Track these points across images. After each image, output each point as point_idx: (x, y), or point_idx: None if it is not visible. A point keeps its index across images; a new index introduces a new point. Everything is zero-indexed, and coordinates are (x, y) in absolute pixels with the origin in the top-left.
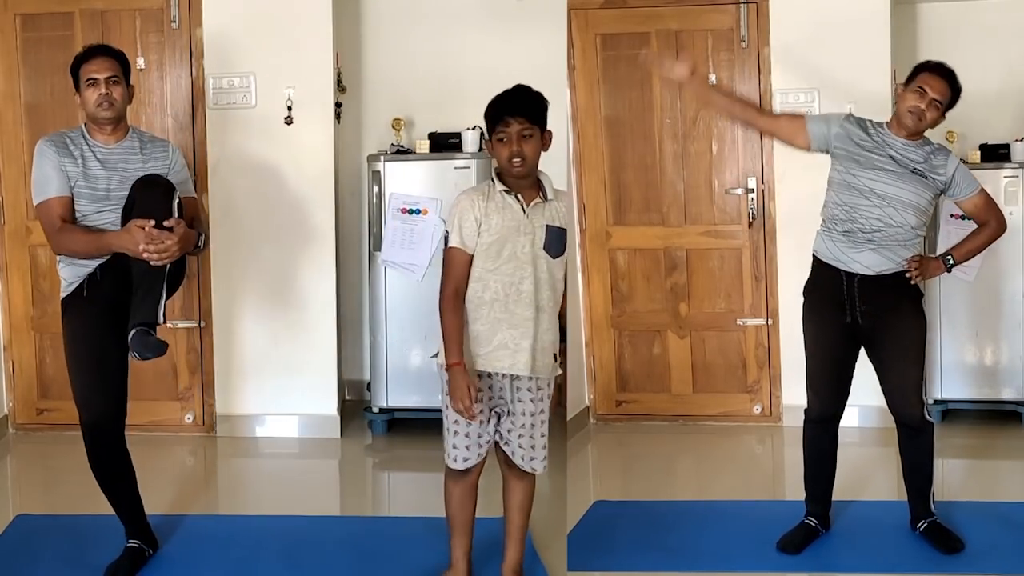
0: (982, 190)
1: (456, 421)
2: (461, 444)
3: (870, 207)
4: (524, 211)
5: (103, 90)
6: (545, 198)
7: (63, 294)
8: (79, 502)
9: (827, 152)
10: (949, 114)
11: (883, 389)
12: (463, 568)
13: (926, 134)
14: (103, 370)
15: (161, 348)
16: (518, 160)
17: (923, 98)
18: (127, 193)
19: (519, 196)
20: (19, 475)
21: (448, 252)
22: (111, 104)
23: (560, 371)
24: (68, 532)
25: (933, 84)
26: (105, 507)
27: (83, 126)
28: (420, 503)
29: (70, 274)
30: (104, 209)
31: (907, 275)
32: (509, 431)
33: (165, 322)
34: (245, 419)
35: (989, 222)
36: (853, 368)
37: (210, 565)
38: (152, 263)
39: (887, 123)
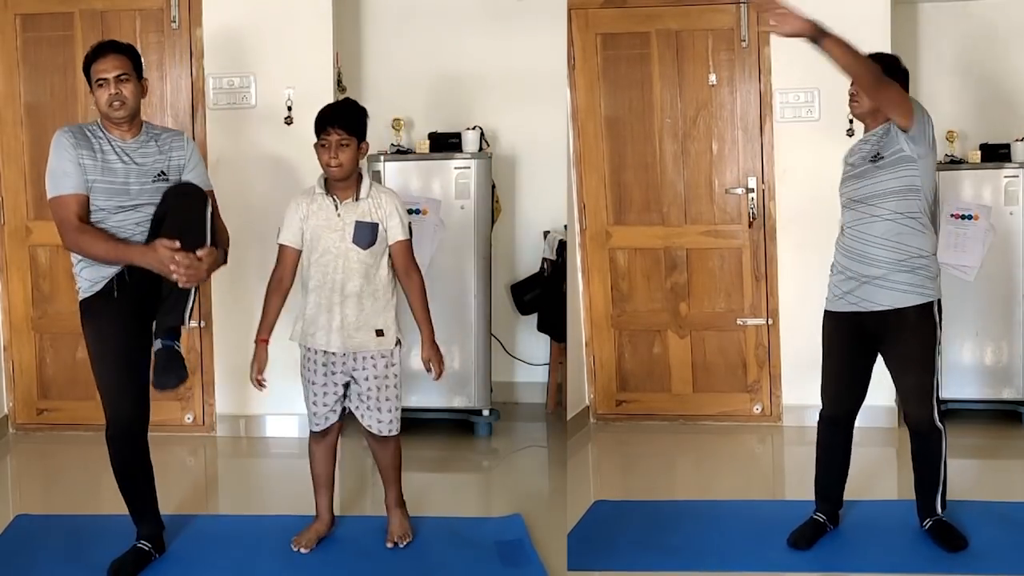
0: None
1: (313, 392)
2: (320, 411)
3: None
4: (336, 209)
5: (113, 89)
6: (357, 197)
7: (84, 295)
8: (79, 502)
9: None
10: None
11: (897, 393)
12: (327, 519)
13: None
14: (131, 372)
15: (176, 380)
16: (335, 164)
17: (854, 83)
18: (145, 187)
19: (334, 197)
20: (19, 475)
21: (279, 248)
22: (123, 103)
23: (398, 343)
24: (68, 532)
25: None
26: (105, 507)
27: (98, 121)
28: (420, 503)
29: (93, 275)
30: (126, 207)
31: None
32: (358, 396)
33: (188, 323)
34: (245, 419)
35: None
36: (868, 369)
37: (210, 565)
38: (180, 285)
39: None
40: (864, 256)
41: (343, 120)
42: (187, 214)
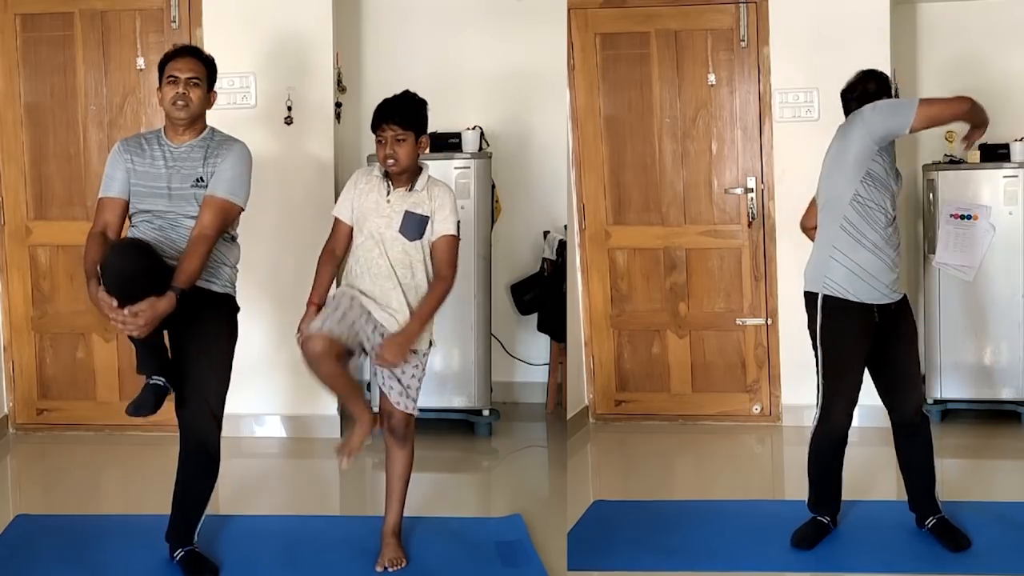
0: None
1: (334, 306)
2: (327, 319)
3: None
4: (388, 194)
5: (180, 89)
6: (412, 188)
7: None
8: (79, 502)
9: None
10: None
11: (885, 386)
12: (367, 417)
13: None
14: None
15: (148, 410)
16: (391, 161)
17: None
18: (185, 191)
19: (389, 182)
20: (19, 475)
21: (334, 218)
22: (186, 104)
23: (431, 344)
24: (68, 532)
25: None
26: (105, 507)
27: (162, 128)
28: (420, 503)
29: None
30: (168, 210)
31: None
32: (383, 372)
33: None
34: (245, 419)
35: None
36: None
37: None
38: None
39: None
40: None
41: (399, 115)
42: (119, 270)
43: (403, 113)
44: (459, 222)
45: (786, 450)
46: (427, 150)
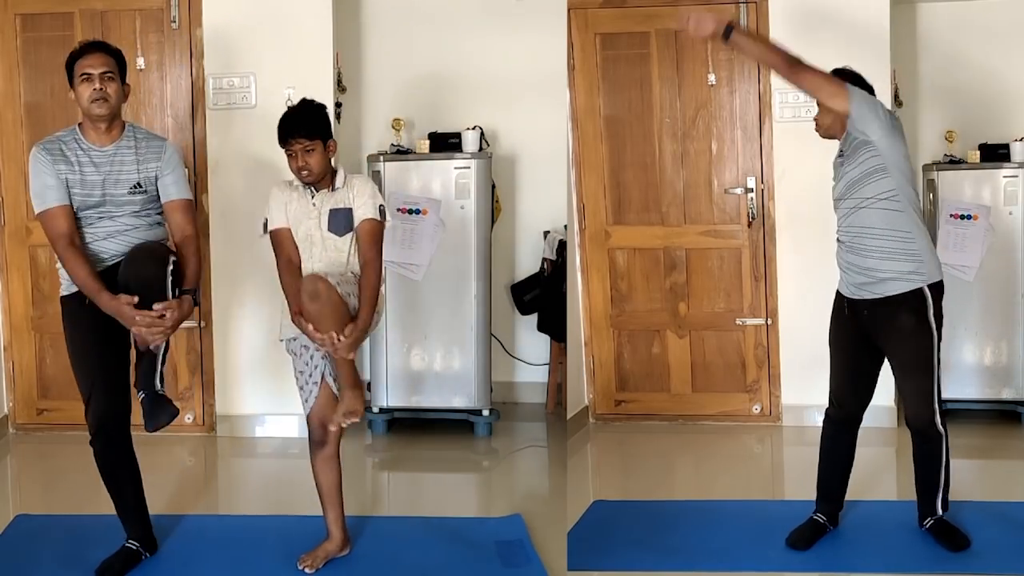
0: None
1: (302, 376)
2: (308, 389)
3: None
4: (312, 199)
5: (97, 85)
6: (332, 188)
7: (63, 292)
8: (79, 502)
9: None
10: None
11: (898, 393)
12: (337, 537)
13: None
14: (104, 371)
15: (168, 417)
16: (305, 172)
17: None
18: (121, 197)
19: (314, 188)
20: (19, 475)
21: (272, 235)
22: (105, 100)
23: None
24: (68, 532)
25: None
26: (105, 507)
27: (76, 127)
28: (420, 503)
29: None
30: (103, 215)
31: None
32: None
33: (163, 388)
34: (245, 419)
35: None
36: (875, 371)
37: (210, 565)
38: (150, 345)
39: None
40: (853, 248)
41: (303, 127)
42: (144, 272)
43: (307, 125)
44: (382, 206)
45: (786, 450)
46: (335, 152)
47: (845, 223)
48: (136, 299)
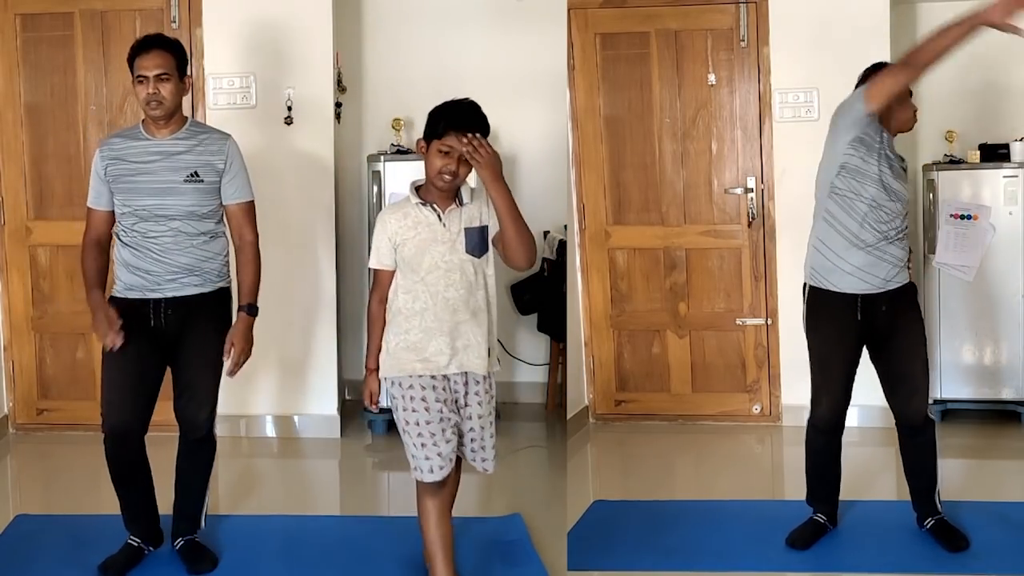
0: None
1: (431, 431)
2: (444, 451)
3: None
4: (440, 220)
5: (151, 88)
6: (460, 203)
7: (115, 293)
8: (79, 502)
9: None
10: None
11: (886, 386)
12: None
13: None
14: (136, 383)
15: (214, 560)
16: (449, 177)
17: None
18: (177, 185)
19: (435, 206)
20: (19, 475)
21: (373, 273)
22: (160, 103)
23: (497, 367)
24: (68, 532)
25: None
26: (105, 507)
27: (140, 123)
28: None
29: (129, 280)
30: (159, 215)
31: None
32: (469, 431)
33: (204, 523)
34: (245, 419)
35: None
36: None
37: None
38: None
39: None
40: (899, 240)
41: (478, 125)
42: (193, 484)
43: (481, 123)
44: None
45: (786, 450)
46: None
47: (897, 218)
48: (119, 321)
